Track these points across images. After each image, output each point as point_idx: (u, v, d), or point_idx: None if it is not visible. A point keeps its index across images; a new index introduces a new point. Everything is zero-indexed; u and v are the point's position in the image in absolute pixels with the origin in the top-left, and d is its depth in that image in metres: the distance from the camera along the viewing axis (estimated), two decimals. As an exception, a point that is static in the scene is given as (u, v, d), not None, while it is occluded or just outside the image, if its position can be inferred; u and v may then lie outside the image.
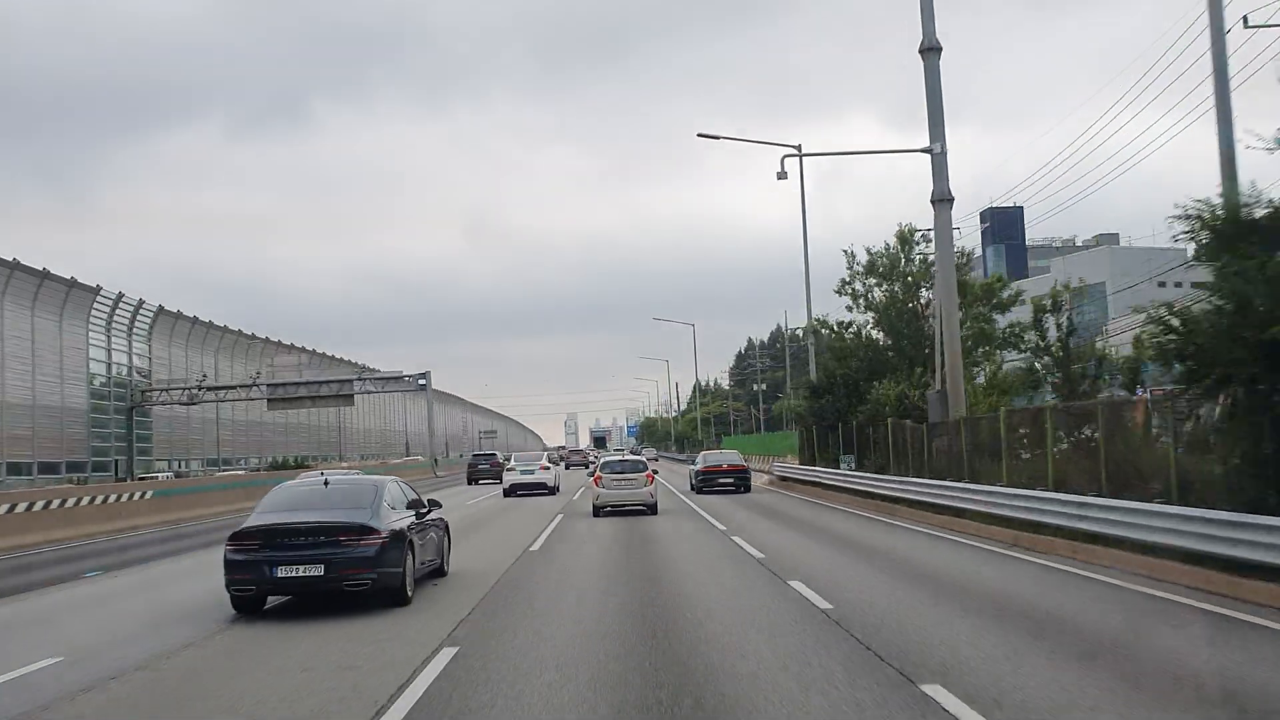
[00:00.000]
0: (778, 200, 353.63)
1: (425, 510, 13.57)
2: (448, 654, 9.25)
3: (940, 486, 22.67)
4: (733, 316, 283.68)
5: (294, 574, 11.28)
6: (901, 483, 25.62)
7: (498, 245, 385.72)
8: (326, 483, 12.92)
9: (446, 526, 14.99)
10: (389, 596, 11.78)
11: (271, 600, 12.11)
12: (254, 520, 11.81)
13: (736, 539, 19.29)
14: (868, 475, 29.76)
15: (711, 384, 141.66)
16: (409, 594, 12.03)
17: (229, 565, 11.53)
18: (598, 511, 25.85)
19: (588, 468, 60.74)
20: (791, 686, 7.78)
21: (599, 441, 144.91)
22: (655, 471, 29.23)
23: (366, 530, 11.45)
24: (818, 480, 35.54)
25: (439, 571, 14.24)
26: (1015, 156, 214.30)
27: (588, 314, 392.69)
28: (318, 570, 11.25)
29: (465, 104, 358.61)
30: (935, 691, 7.36)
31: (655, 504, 26.40)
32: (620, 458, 30.49)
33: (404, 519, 12.47)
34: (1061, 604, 11.43)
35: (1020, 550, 16.40)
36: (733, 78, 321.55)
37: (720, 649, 9.26)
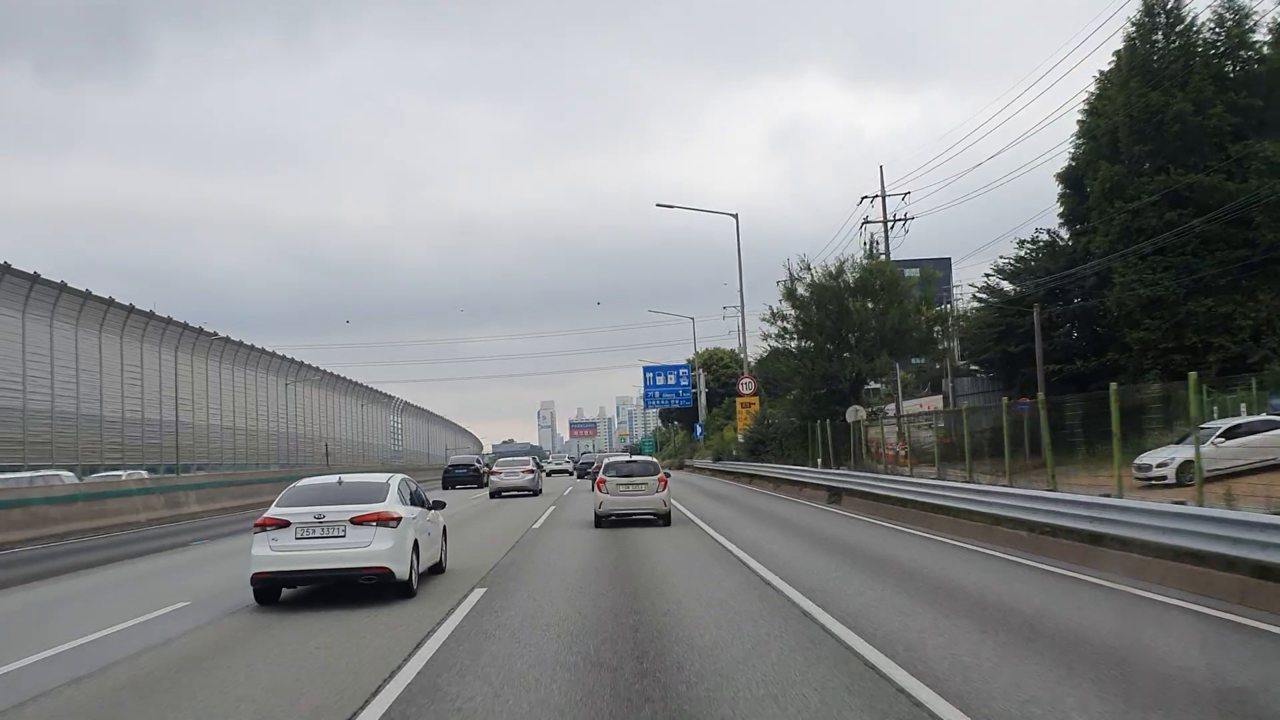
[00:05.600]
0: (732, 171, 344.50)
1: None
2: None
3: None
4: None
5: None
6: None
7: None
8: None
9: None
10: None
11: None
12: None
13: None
14: None
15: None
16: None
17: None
18: (600, 521, 23.14)
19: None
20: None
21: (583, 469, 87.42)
22: (668, 474, 25.42)
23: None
24: None
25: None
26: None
27: (542, 300, 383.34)
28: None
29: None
30: None
31: (668, 513, 23.36)
32: (627, 458, 27.17)
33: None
34: None
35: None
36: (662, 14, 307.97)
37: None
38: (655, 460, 27.25)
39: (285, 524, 12.14)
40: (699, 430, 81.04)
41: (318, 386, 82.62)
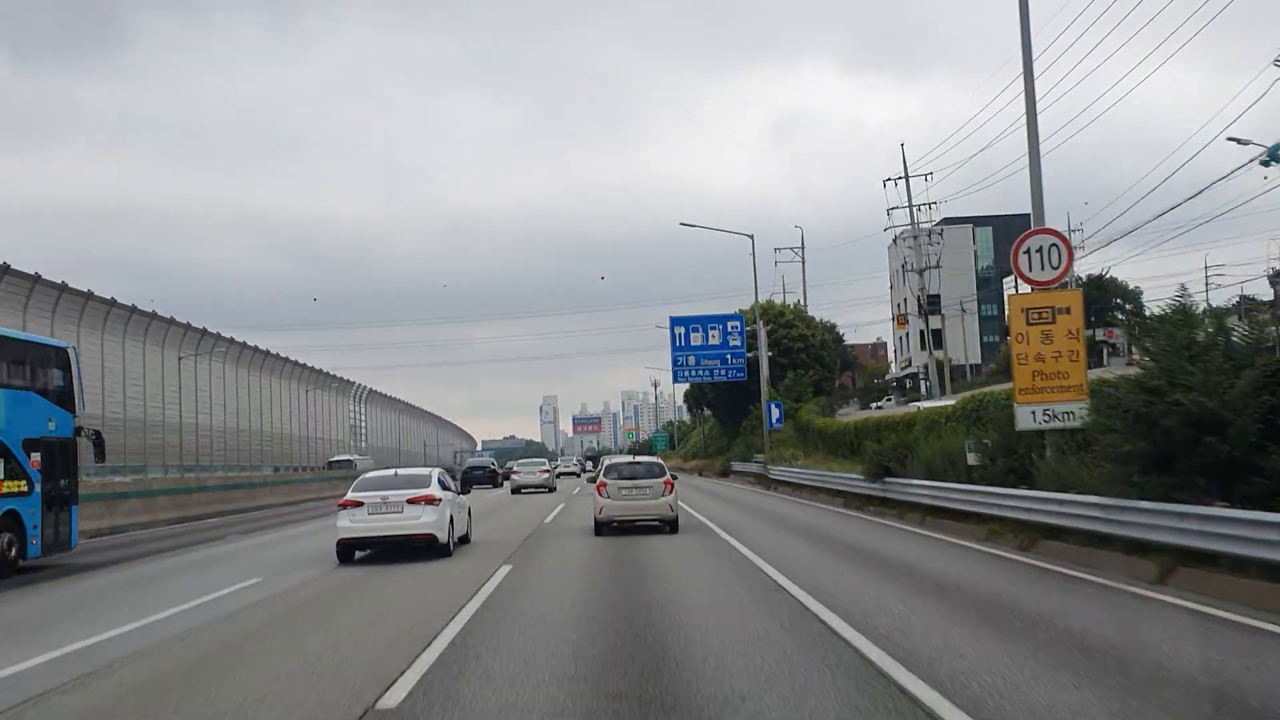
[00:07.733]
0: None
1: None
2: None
3: None
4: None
5: None
6: None
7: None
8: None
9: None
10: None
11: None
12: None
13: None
14: None
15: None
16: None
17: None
18: (600, 529, 21.14)
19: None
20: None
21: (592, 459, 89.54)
22: (675, 477, 22.38)
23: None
24: None
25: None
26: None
27: (546, 294, 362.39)
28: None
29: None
30: None
31: (676, 518, 21.18)
32: (630, 459, 25.32)
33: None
34: None
35: None
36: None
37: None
38: (660, 461, 24.47)
39: (360, 504, 17.51)
40: (775, 414, 48.53)
41: (236, 365, 60.37)
